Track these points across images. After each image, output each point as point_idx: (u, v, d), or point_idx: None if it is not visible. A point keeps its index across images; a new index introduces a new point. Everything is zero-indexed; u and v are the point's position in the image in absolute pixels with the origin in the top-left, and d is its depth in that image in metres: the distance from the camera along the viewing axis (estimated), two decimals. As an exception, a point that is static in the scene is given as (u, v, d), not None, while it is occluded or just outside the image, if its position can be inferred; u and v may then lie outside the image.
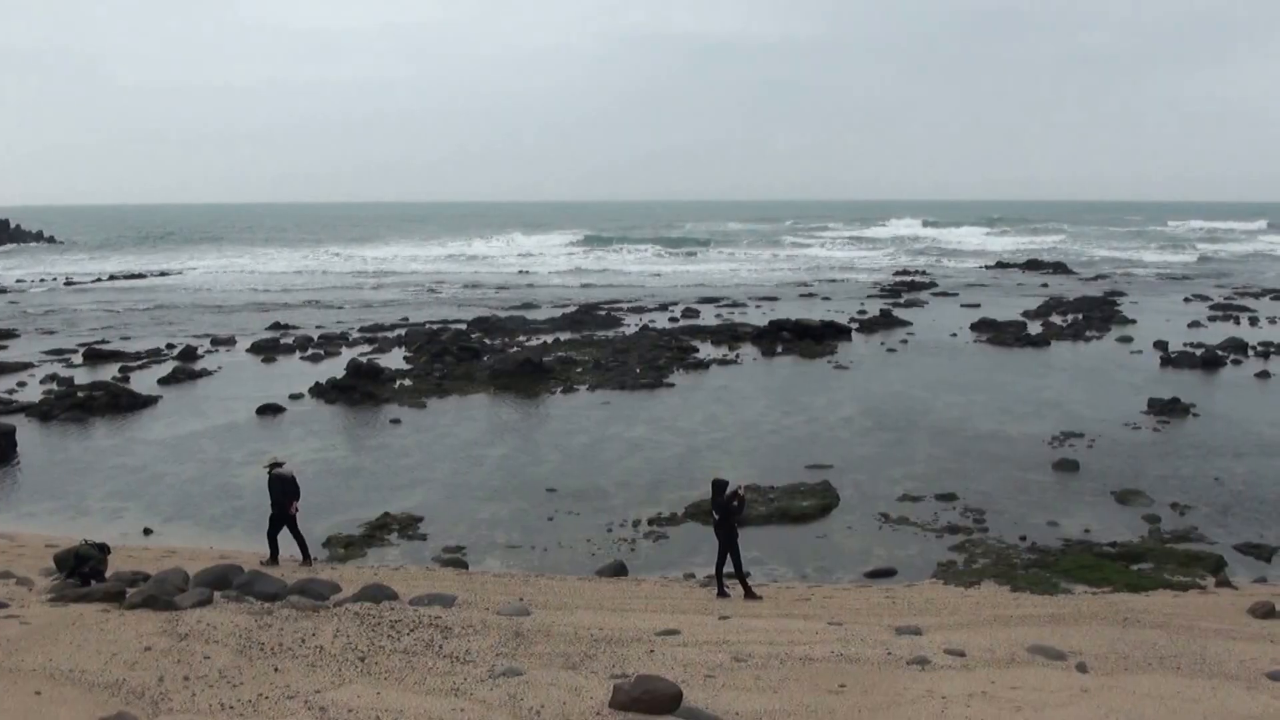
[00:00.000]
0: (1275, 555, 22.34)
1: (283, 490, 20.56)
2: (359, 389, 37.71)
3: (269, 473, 20.84)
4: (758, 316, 60.77)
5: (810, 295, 76.32)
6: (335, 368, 41.84)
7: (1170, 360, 45.84)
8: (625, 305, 68.24)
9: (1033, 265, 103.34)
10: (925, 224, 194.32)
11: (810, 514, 24.61)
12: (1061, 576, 20.47)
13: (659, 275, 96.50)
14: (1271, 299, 75.03)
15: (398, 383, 40.17)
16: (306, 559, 20.55)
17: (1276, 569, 21.70)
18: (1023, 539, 23.01)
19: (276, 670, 10.52)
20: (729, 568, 18.80)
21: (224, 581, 15.29)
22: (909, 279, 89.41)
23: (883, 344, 51.29)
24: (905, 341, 52.09)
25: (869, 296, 74.95)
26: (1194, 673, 13.14)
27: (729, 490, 18.87)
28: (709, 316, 62.26)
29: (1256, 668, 13.43)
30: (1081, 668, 13.08)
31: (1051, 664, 13.27)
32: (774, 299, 73.05)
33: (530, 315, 62.04)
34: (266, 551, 20.68)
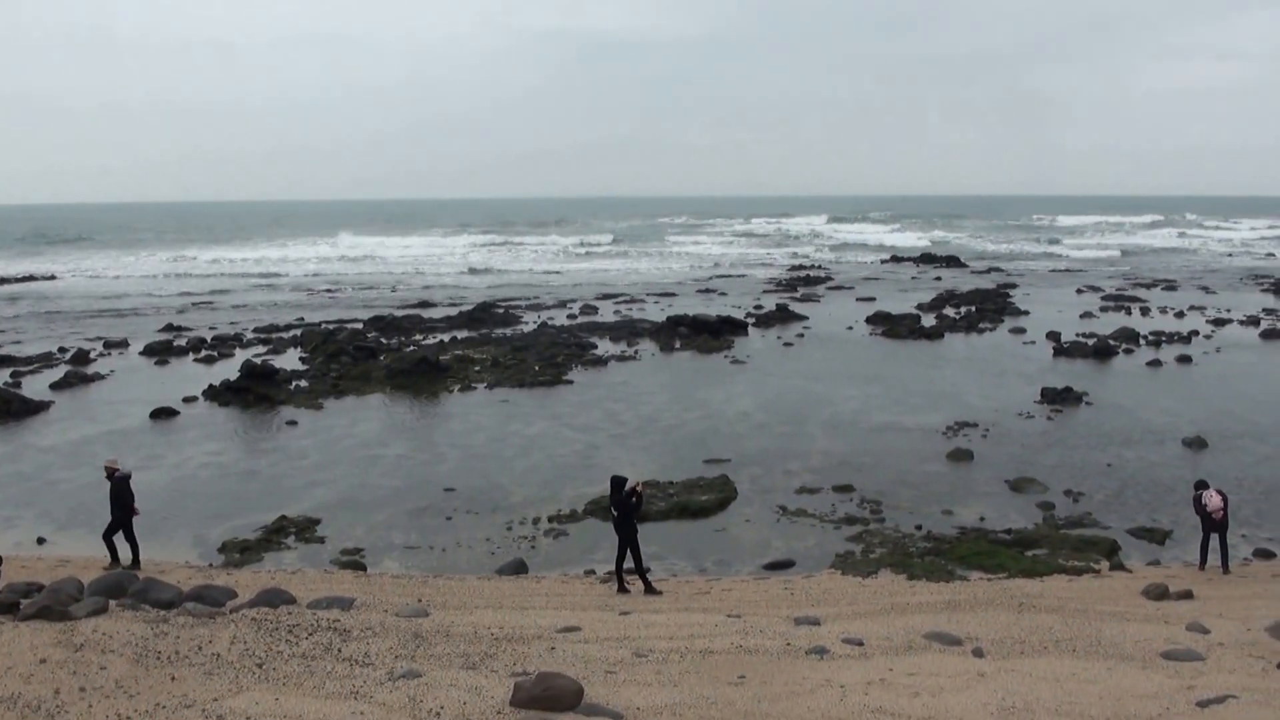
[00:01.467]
0: (1168, 538, 22.99)
1: (129, 494, 20.40)
2: (254, 391, 37.17)
3: (113, 476, 20.60)
4: (656, 312, 60.96)
5: (708, 291, 76.65)
6: (229, 370, 41.15)
7: (1062, 350, 46.85)
8: (523, 303, 68.07)
9: (927, 259, 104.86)
10: (828, 220, 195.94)
11: (709, 508, 24.78)
12: (957, 564, 20.90)
13: (558, 273, 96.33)
14: (1163, 289, 76.94)
15: (293, 384, 39.67)
16: (136, 563, 20.28)
17: (1169, 551, 22.35)
18: (919, 528, 23.40)
19: (173, 679, 10.37)
20: (629, 563, 18.88)
21: (119, 589, 15.02)
22: (805, 274, 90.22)
23: (779, 338, 51.76)
24: (802, 335, 52.60)
25: (766, 292, 75.50)
26: (1089, 654, 13.47)
27: (628, 486, 18.93)
28: (607, 313, 62.33)
29: (1151, 648, 13.80)
30: (978, 653, 13.34)
31: (948, 650, 13.52)
32: (672, 295, 73.32)
33: (427, 314, 61.60)
34: (146, 557, 20.50)
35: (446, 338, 51.72)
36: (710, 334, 51.16)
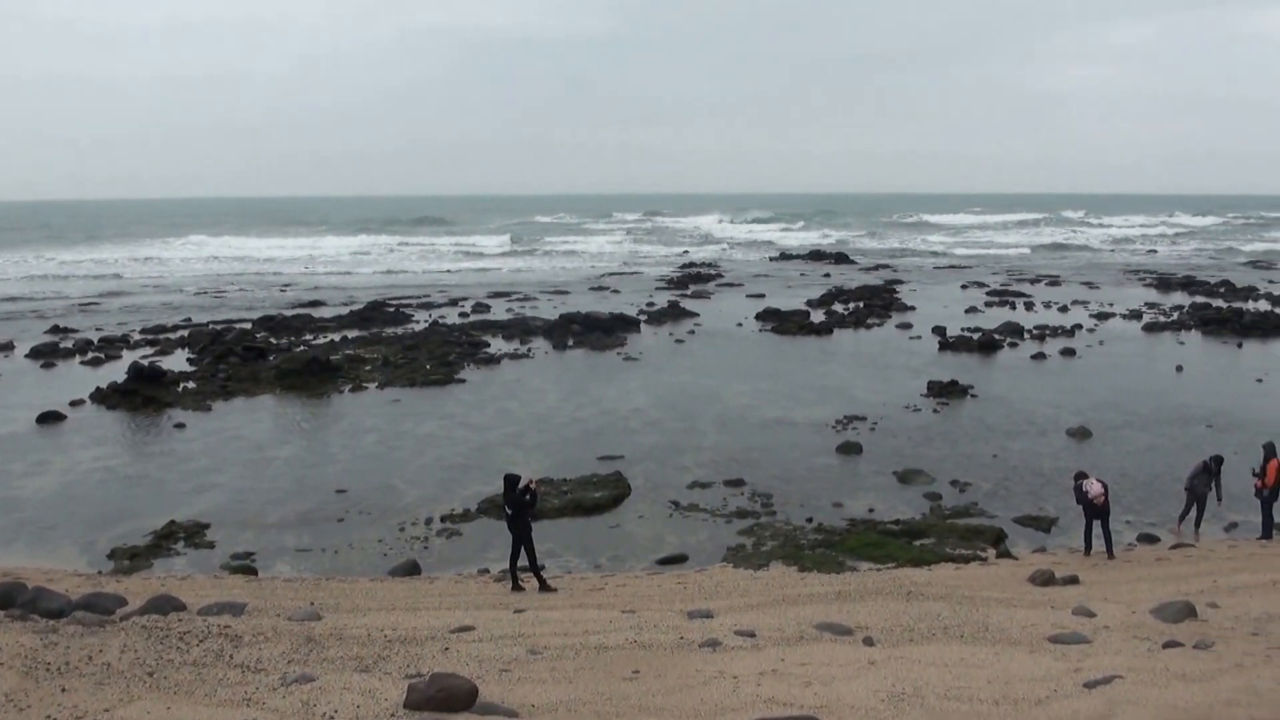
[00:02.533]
0: (1053, 526, 23.55)
1: None
2: (141, 393, 36.38)
3: None
4: (549, 310, 60.84)
5: (601, 289, 76.71)
6: (117, 372, 40.24)
7: (948, 345, 47.69)
8: (414, 301, 67.47)
9: (816, 256, 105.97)
10: (720, 217, 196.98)
11: (603, 504, 24.84)
12: (847, 555, 21.17)
13: (450, 271, 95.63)
14: (1047, 284, 78.60)
15: (181, 386, 38.92)
16: None
17: (1055, 539, 22.88)
18: (809, 521, 23.66)
19: (64, 690, 10.17)
20: (523, 561, 18.87)
21: (7, 600, 14.72)
22: (696, 271, 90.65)
23: (671, 335, 51.99)
24: (693, 332, 52.88)
25: (658, 289, 75.77)
26: (977, 640, 13.75)
27: (521, 484, 18.92)
28: (500, 311, 62.02)
29: (1038, 633, 14.13)
30: (868, 641, 13.57)
31: (839, 639, 13.73)
32: (565, 293, 73.24)
33: (317, 313, 60.76)
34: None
35: (337, 337, 51.10)
36: (603, 331, 51.26)
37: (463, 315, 60.15)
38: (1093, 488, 21.01)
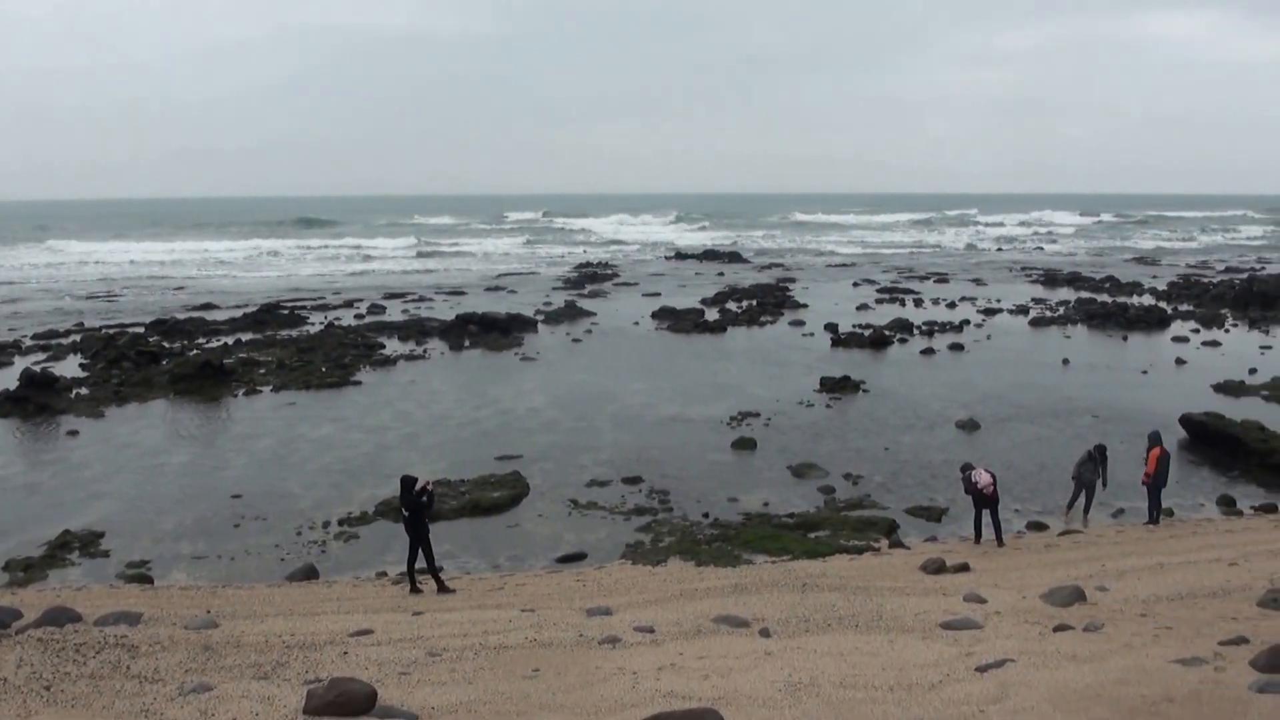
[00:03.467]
0: (944, 516, 24.08)
1: None
2: (33, 400, 35.56)
3: None
4: (445, 310, 60.45)
5: (497, 289, 76.42)
6: (8, 379, 39.31)
7: (840, 341, 48.36)
8: (309, 303, 66.68)
9: (710, 255, 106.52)
10: (616, 217, 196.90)
11: (501, 504, 24.86)
12: (743, 549, 21.47)
13: (345, 273, 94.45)
14: (935, 281, 79.87)
15: (74, 392, 38.07)
16: None
17: (946, 528, 23.42)
18: (706, 516, 23.93)
19: (-41, 707, 10.04)
20: (421, 563, 18.86)
21: (-98, 616, 14.39)
22: (593, 270, 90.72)
23: (568, 334, 52.03)
24: (590, 332, 52.97)
25: (555, 289, 75.67)
26: (871, 629, 14.03)
27: (418, 486, 18.92)
28: (396, 312, 61.53)
29: (930, 619, 14.42)
30: (765, 633, 13.78)
31: (736, 632, 13.93)
32: (461, 293, 72.85)
33: (210, 316, 59.73)
34: None
35: (231, 340, 50.30)
36: (500, 331, 51.18)
37: (358, 317, 59.57)
38: (981, 478, 21.52)
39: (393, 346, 48.39)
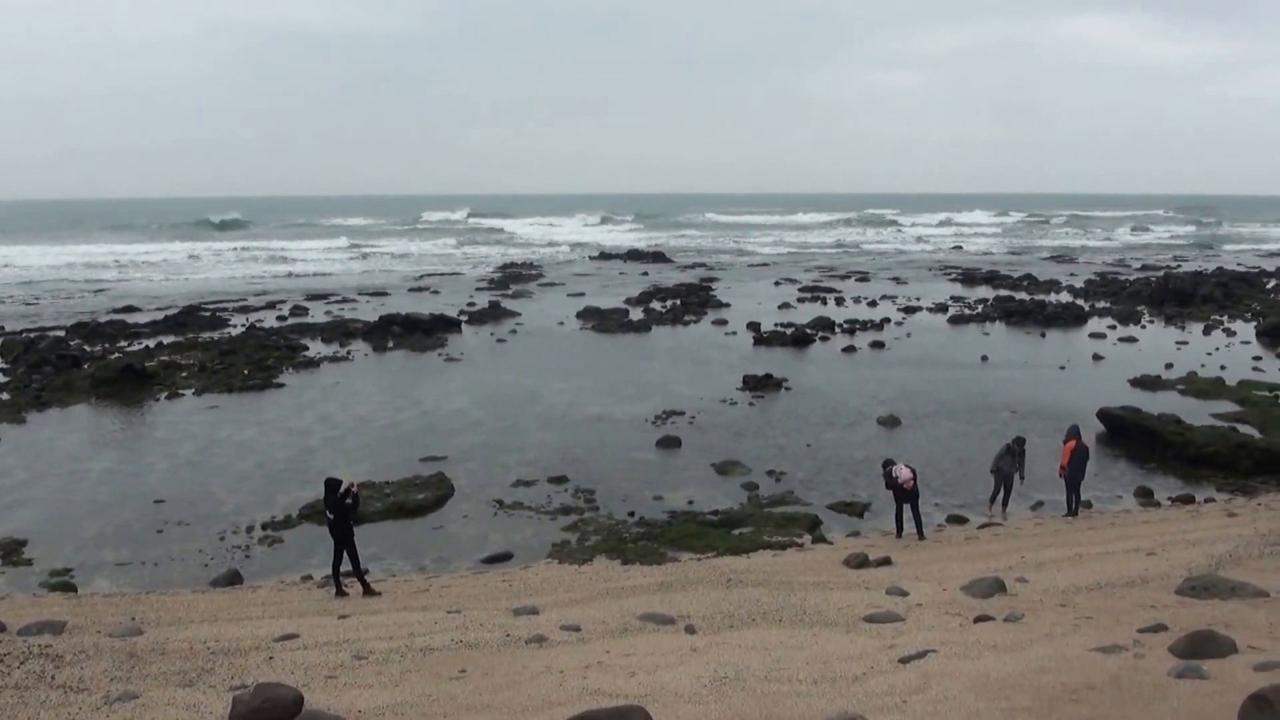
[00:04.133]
0: (866, 511, 24.49)
1: None
2: (-51, 407, 35.01)
3: None
4: (369, 312, 60.06)
5: (421, 289, 76.00)
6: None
7: (763, 340, 48.77)
8: (230, 305, 65.94)
9: (635, 255, 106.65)
10: (540, 221, 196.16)
11: (426, 506, 24.86)
12: (668, 546, 21.70)
13: (268, 274, 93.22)
14: (857, 280, 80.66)
15: (-10, 398, 37.52)
16: None
17: (868, 523, 23.83)
18: (631, 514, 24.12)
19: (-123, 724, 9.90)
20: (346, 566, 18.83)
21: None
22: (517, 271, 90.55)
23: (493, 335, 51.97)
24: (514, 332, 52.92)
25: (479, 289, 75.38)
26: (795, 623, 14.19)
27: (343, 488, 18.88)
28: (319, 314, 61.02)
29: (854, 613, 14.63)
30: (690, 629, 13.89)
31: (662, 629, 14.04)
32: (385, 294, 72.34)
33: (131, 319, 58.92)
34: None
35: (152, 343, 49.59)
36: (424, 332, 51.02)
37: (281, 319, 58.98)
38: (902, 473, 21.90)
39: (316, 348, 48.05)
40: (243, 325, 55.56)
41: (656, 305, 63.66)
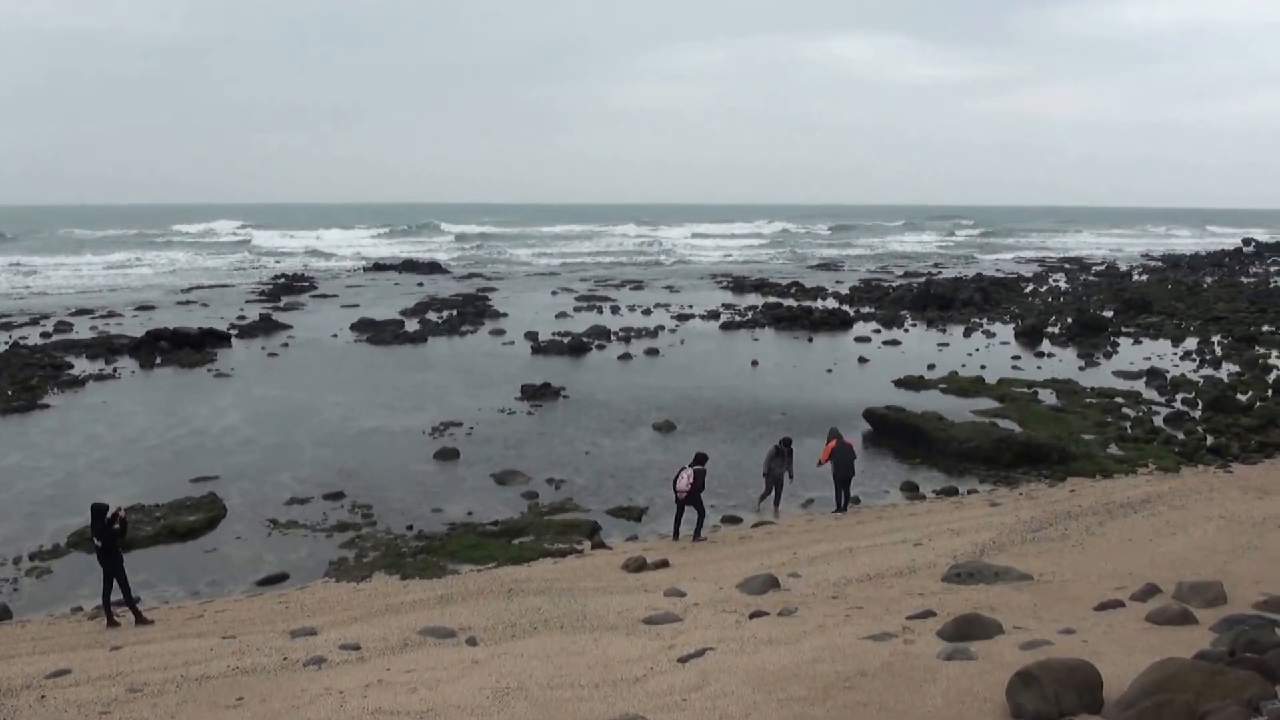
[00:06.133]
0: (644, 515, 25.04)
1: None
2: None
3: None
4: (135, 326, 57.92)
5: (188, 302, 73.64)
6: None
7: (540, 349, 49.04)
8: (-14, 322, 62.85)
9: (409, 266, 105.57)
10: (313, 231, 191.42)
11: (198, 528, 24.25)
12: (448, 559, 21.76)
13: (33, 291, 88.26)
14: (631, 289, 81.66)
15: None
16: None
17: (645, 527, 24.37)
18: (410, 528, 24.07)
19: None
20: (117, 594, 18.34)
21: None
22: (289, 282, 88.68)
23: (264, 349, 50.84)
24: (287, 345, 51.92)
25: (249, 301, 73.53)
26: (577, 629, 14.51)
27: (109, 513, 18.38)
28: (84, 329, 58.64)
29: (633, 615, 15.02)
30: (472, 641, 14.08)
31: (443, 642, 14.18)
32: (151, 307, 69.88)
33: None
34: None
35: (-104, 366, 46.99)
36: (192, 347, 49.57)
37: (45, 335, 56.31)
38: (681, 478, 22.58)
39: (81, 366, 46.19)
40: (5, 343, 52.76)
41: (433, 316, 63.33)
